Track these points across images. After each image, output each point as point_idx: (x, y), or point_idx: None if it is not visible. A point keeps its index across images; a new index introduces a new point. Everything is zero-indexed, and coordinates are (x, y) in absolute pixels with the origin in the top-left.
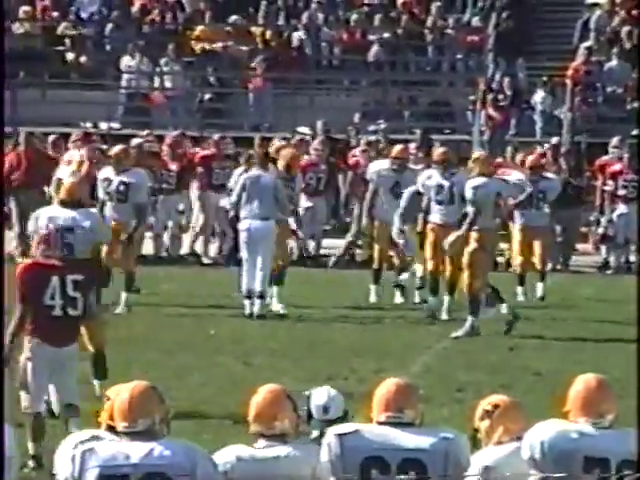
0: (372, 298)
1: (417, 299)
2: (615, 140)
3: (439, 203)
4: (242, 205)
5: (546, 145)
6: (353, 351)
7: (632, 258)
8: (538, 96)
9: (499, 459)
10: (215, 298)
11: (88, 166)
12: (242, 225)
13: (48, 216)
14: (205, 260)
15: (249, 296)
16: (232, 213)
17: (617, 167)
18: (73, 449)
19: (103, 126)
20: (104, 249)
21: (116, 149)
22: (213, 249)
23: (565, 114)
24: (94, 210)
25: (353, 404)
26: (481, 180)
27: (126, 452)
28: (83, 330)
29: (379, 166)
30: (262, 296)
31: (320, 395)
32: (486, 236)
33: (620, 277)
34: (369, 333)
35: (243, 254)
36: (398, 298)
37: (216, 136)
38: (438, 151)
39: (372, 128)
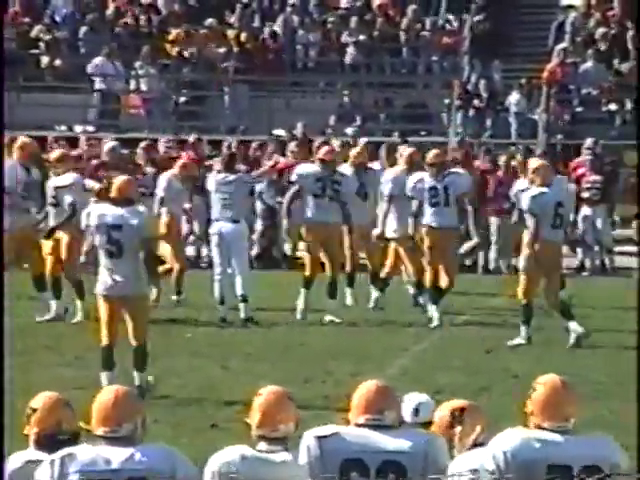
0: (348, 301)
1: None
2: (588, 141)
3: (434, 205)
4: (212, 208)
5: (520, 147)
6: (329, 354)
7: (607, 260)
8: (513, 98)
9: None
10: (191, 302)
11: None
12: (212, 229)
13: (98, 214)
14: None
15: (222, 301)
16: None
17: (581, 170)
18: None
19: (78, 129)
20: (50, 258)
21: (55, 154)
22: (190, 252)
23: (540, 116)
24: (142, 208)
25: (330, 406)
26: (539, 190)
27: (106, 457)
28: (127, 324)
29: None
30: (245, 299)
31: (411, 398)
32: (543, 247)
33: (595, 279)
34: (345, 336)
35: (215, 258)
36: (372, 301)
37: (192, 138)
38: (431, 153)
39: (348, 130)
